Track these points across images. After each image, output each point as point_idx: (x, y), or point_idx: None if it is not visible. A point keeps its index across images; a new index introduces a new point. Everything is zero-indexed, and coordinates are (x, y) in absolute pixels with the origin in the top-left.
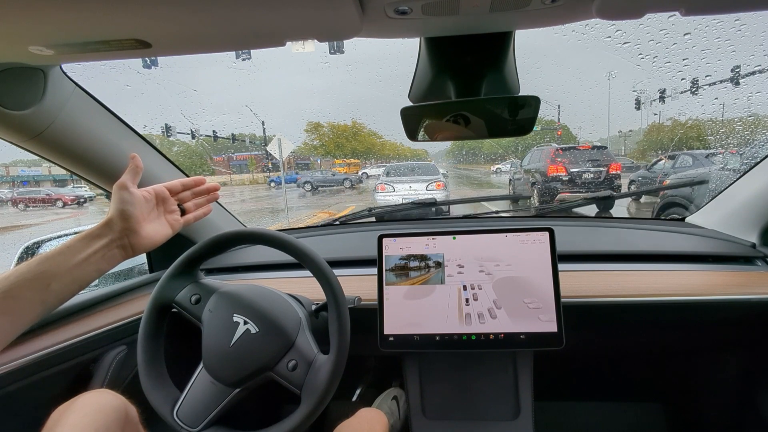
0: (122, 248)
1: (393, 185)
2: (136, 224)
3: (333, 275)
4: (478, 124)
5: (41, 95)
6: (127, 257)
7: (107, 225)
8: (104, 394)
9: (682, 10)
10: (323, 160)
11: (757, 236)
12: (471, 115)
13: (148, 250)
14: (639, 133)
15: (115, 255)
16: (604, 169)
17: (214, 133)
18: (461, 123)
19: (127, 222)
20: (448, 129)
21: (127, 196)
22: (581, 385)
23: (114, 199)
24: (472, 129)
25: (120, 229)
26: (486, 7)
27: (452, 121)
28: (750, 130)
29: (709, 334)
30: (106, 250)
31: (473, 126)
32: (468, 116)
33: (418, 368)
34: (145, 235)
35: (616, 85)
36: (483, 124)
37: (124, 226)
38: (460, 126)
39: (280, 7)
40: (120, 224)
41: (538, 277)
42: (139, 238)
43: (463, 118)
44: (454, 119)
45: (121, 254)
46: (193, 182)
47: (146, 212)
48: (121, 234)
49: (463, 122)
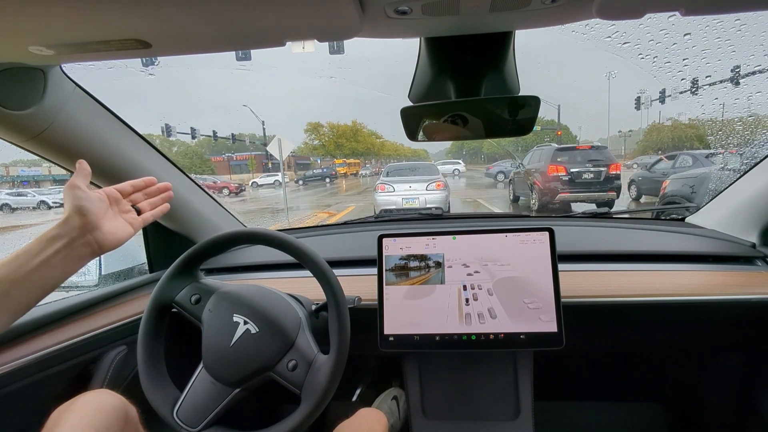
0: (87, 245)
1: (393, 185)
2: (96, 220)
3: (333, 275)
4: (478, 124)
5: (41, 95)
6: (95, 255)
7: (65, 223)
8: (104, 394)
9: (682, 10)
10: (323, 160)
11: (757, 236)
12: (471, 115)
13: (114, 247)
14: (639, 133)
15: (81, 254)
16: (604, 169)
17: (214, 133)
18: (461, 123)
19: (85, 218)
20: (448, 129)
21: (81, 194)
22: (581, 385)
23: (67, 197)
24: (472, 129)
25: (80, 225)
26: (486, 7)
27: (452, 121)
28: (750, 130)
29: (709, 334)
30: (68, 250)
31: (473, 126)
32: (468, 116)
33: (418, 368)
34: (109, 231)
35: (616, 85)
36: (483, 124)
37: (84, 222)
38: (460, 126)
39: (280, 7)
40: (78, 221)
41: (538, 277)
42: (102, 234)
43: (462, 118)
44: (454, 119)
45: (87, 252)
46: (144, 183)
47: (103, 210)
48: (83, 231)
49: (463, 122)
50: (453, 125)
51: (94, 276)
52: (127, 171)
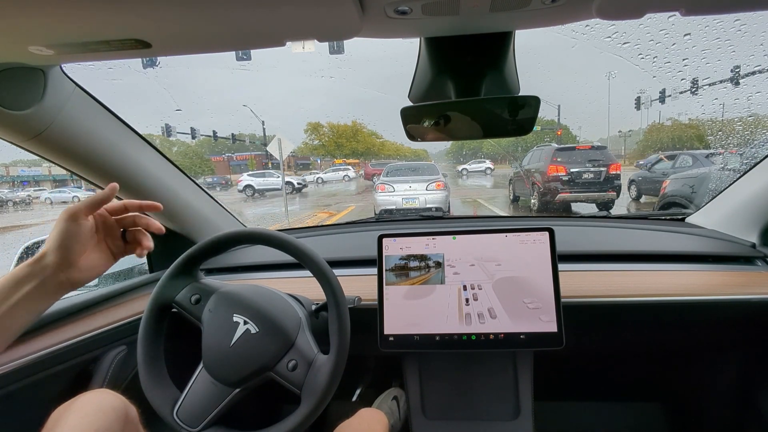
0: (59, 286)
1: (393, 185)
2: (75, 257)
3: (333, 275)
4: (478, 124)
5: (41, 95)
6: (67, 292)
7: (39, 261)
8: (104, 394)
9: (682, 10)
10: (323, 160)
11: (757, 236)
12: (471, 115)
13: (89, 281)
14: (639, 133)
15: (52, 293)
16: (604, 169)
17: (214, 133)
18: (461, 123)
19: (65, 255)
20: (448, 129)
21: (74, 229)
22: (581, 385)
23: (59, 227)
24: (472, 129)
25: (55, 264)
26: (486, 7)
27: (452, 121)
28: (750, 130)
29: (709, 334)
30: (39, 292)
31: (473, 126)
32: (468, 116)
33: (418, 368)
34: (86, 267)
35: (616, 85)
36: (483, 124)
37: (61, 260)
38: (460, 126)
39: (280, 7)
40: (56, 258)
41: (538, 277)
42: (78, 271)
43: (463, 118)
44: (455, 119)
45: (59, 291)
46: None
47: (88, 244)
48: (56, 270)
49: (463, 122)
50: (453, 125)
51: None
52: (127, 171)
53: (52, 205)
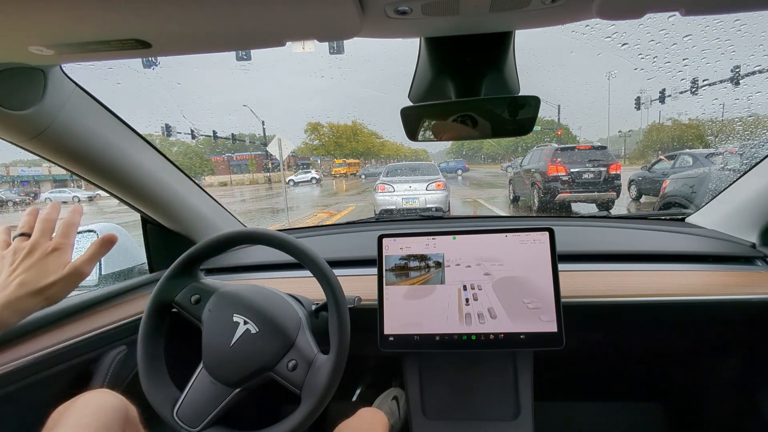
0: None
1: (393, 185)
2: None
3: (333, 275)
4: (478, 124)
5: (41, 95)
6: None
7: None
8: (104, 394)
9: (682, 10)
10: (323, 160)
11: (757, 236)
12: (471, 115)
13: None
14: (639, 133)
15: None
16: (604, 169)
17: (214, 133)
18: (461, 123)
19: None
20: (448, 129)
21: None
22: (581, 385)
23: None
24: (472, 129)
25: None
26: (486, 7)
27: (452, 121)
28: (750, 130)
29: (709, 334)
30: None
31: (473, 126)
32: (468, 116)
33: (418, 368)
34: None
35: (616, 85)
36: (483, 124)
37: None
38: (460, 126)
39: (280, 7)
40: None
41: (538, 277)
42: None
43: (462, 118)
44: (454, 119)
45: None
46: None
47: None
48: None
49: (463, 122)
50: (453, 125)
51: (94, 276)
52: (127, 171)
53: None
